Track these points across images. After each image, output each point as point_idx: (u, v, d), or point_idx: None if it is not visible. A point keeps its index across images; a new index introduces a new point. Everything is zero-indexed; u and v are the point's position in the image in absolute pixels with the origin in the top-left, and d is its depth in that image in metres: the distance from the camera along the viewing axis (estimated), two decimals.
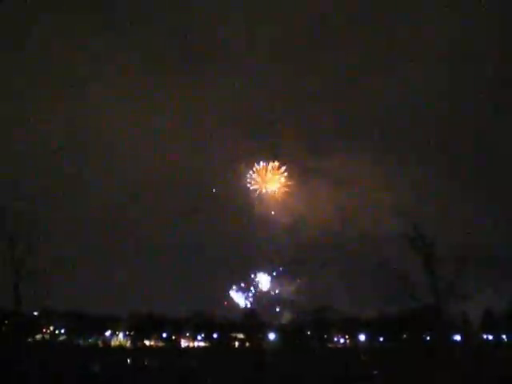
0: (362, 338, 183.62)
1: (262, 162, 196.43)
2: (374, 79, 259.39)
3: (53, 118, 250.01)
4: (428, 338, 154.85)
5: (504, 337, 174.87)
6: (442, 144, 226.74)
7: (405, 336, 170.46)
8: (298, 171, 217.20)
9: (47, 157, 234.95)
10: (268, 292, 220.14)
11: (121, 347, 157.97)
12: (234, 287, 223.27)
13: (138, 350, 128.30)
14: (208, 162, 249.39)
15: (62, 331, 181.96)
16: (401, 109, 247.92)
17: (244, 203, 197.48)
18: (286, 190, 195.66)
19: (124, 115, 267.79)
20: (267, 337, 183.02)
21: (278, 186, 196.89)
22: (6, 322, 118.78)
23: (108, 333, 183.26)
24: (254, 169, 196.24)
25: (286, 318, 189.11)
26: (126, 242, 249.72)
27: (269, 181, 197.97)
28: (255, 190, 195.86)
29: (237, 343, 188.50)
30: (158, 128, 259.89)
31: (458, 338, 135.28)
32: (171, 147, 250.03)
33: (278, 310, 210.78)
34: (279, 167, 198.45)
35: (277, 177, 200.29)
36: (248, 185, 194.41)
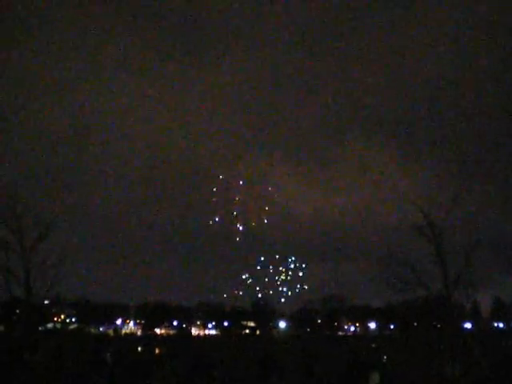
0: (372, 325, 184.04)
1: None
2: (393, 69, 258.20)
3: (57, 106, 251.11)
4: (438, 326, 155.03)
5: None
6: (457, 133, 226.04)
7: (415, 324, 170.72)
8: (316, 160, 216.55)
9: (53, 145, 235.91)
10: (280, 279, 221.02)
11: (131, 335, 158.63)
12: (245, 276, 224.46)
13: (148, 339, 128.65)
14: (218, 150, 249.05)
15: (73, 320, 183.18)
16: (419, 99, 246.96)
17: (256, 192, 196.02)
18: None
19: (128, 103, 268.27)
20: (278, 324, 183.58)
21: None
22: (17, 311, 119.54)
23: (119, 321, 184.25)
24: None
25: (298, 305, 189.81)
26: (136, 231, 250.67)
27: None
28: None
29: (247, 331, 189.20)
30: (166, 115, 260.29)
31: (468, 326, 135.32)
32: (178, 133, 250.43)
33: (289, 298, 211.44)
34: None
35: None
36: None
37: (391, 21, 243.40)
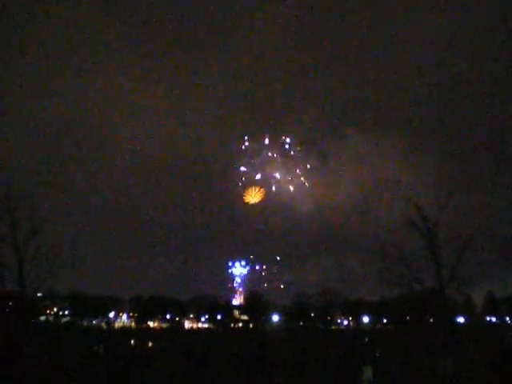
0: (365, 319, 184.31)
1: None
2: (393, 62, 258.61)
3: (54, 100, 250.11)
4: (431, 321, 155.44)
5: (507, 319, 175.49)
6: (457, 127, 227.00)
7: (408, 318, 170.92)
8: (316, 155, 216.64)
9: (47, 138, 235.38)
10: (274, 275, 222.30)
11: (124, 329, 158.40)
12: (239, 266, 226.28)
13: (141, 332, 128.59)
14: (215, 145, 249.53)
15: (66, 313, 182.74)
16: (419, 92, 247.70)
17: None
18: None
19: (124, 96, 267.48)
20: (271, 318, 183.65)
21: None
22: (10, 303, 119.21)
23: (112, 314, 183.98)
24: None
25: (292, 299, 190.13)
26: (128, 225, 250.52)
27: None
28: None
29: (240, 324, 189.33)
30: (160, 109, 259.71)
31: (461, 320, 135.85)
32: (174, 127, 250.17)
33: (282, 291, 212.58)
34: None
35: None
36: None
37: (390, 14, 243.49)
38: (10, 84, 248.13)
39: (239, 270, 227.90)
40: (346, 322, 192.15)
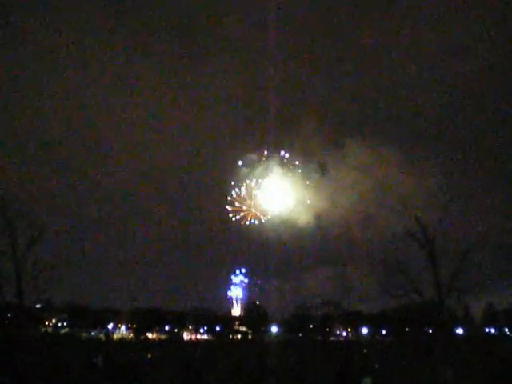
0: (364, 331, 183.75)
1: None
2: (390, 73, 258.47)
3: (51, 108, 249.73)
4: (430, 332, 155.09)
5: (506, 330, 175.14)
6: (452, 140, 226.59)
7: (407, 329, 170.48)
8: (316, 166, 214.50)
9: (46, 150, 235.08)
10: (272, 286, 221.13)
11: (123, 340, 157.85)
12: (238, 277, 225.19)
13: (140, 343, 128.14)
14: (213, 156, 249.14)
15: (65, 324, 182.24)
16: (421, 99, 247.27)
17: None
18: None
19: (123, 107, 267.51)
20: (270, 330, 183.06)
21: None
22: (9, 315, 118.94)
23: (110, 326, 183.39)
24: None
25: (292, 311, 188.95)
26: (128, 237, 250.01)
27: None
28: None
29: (239, 336, 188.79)
30: (156, 122, 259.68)
31: (460, 331, 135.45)
32: (173, 139, 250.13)
33: (281, 303, 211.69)
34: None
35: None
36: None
37: (391, 23, 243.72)
38: (9, 88, 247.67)
39: (239, 278, 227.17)
40: (344, 334, 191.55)
